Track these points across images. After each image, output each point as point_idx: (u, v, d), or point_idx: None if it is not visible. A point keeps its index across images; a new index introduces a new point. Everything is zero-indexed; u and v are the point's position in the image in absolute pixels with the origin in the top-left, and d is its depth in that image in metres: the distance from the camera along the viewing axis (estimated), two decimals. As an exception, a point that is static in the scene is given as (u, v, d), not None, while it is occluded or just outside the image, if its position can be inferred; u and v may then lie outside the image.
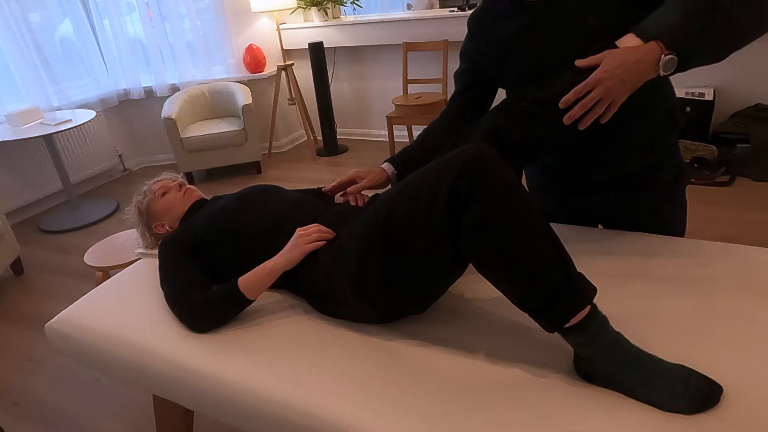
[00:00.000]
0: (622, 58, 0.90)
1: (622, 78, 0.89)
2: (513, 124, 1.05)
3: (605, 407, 0.82)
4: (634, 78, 0.90)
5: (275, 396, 0.94)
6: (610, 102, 0.92)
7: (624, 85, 0.90)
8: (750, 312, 0.97)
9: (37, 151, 3.59)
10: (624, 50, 0.91)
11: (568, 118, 0.95)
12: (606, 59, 0.91)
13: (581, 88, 0.92)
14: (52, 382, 1.97)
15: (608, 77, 0.89)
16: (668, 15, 0.90)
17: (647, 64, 0.89)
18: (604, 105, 0.92)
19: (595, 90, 0.91)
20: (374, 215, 1.00)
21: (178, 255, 1.24)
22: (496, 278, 0.90)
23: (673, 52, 0.88)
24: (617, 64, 0.89)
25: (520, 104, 1.04)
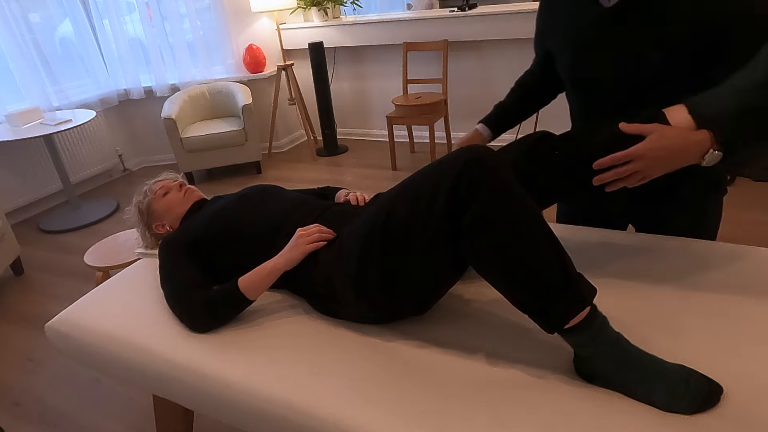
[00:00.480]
0: (670, 143, 0.86)
1: (665, 160, 0.87)
2: (542, 172, 1.02)
3: (605, 407, 0.82)
4: (675, 163, 0.88)
5: (275, 396, 0.94)
6: (642, 177, 0.90)
7: (664, 166, 0.88)
8: (750, 312, 0.97)
9: (37, 151, 3.59)
10: (674, 132, 0.87)
11: (597, 180, 0.93)
12: (654, 135, 0.88)
13: (620, 157, 0.89)
14: (52, 382, 1.97)
15: (651, 156, 0.87)
16: (726, 101, 0.86)
17: (693, 154, 0.87)
18: (637, 178, 0.90)
19: (634, 163, 0.88)
20: (374, 215, 1.00)
21: (179, 255, 1.24)
22: (495, 279, 0.90)
23: (722, 150, 0.85)
24: (664, 145, 0.86)
25: (554, 152, 1.01)
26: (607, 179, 0.92)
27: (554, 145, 1.03)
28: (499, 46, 3.63)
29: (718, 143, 0.85)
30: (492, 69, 3.73)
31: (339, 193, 1.44)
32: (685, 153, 0.87)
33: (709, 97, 0.89)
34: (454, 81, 3.91)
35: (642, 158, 0.88)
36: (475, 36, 3.56)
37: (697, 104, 0.89)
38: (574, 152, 0.99)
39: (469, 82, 3.86)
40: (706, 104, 0.88)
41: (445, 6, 4.20)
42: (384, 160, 3.91)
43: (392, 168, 3.71)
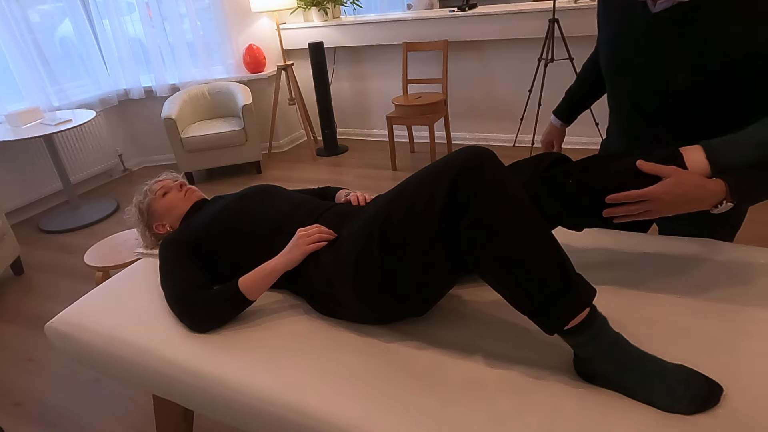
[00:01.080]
0: (686, 189, 0.88)
1: (678, 205, 0.89)
2: (552, 199, 1.03)
3: (605, 408, 0.82)
4: (686, 208, 0.90)
5: (275, 396, 0.94)
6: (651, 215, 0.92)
7: (675, 210, 0.90)
8: (750, 312, 0.97)
9: (37, 151, 3.59)
10: (692, 180, 0.88)
11: (607, 212, 0.95)
12: (672, 180, 0.89)
13: (635, 196, 0.90)
14: (52, 382, 1.97)
15: (665, 199, 0.89)
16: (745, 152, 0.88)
17: (706, 203, 0.89)
18: (647, 217, 0.93)
19: (647, 204, 0.90)
20: (373, 217, 1.00)
21: (179, 255, 1.24)
22: (494, 281, 0.90)
23: (734, 201, 0.88)
24: (680, 192, 0.88)
25: (567, 181, 1.02)
26: (617, 213, 0.94)
27: (568, 171, 1.03)
28: (499, 46, 3.63)
29: (731, 195, 0.87)
30: (492, 69, 3.73)
31: (339, 193, 1.44)
32: (699, 202, 0.89)
33: (728, 144, 0.89)
34: (454, 81, 3.91)
35: (656, 200, 0.89)
36: (475, 36, 3.56)
37: (714, 149, 0.90)
38: (587, 183, 0.99)
39: (469, 82, 3.86)
40: (725, 152, 0.89)
41: (445, 6, 4.20)
42: (384, 160, 3.91)
43: (392, 168, 3.71)
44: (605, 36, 1.14)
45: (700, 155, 0.91)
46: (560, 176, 1.04)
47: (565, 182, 1.02)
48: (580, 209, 1.02)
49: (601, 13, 1.16)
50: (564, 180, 1.02)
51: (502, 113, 3.85)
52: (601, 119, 3.40)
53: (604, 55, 1.15)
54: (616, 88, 1.16)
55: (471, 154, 0.89)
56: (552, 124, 1.48)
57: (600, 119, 3.40)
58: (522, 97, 3.71)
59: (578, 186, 1.00)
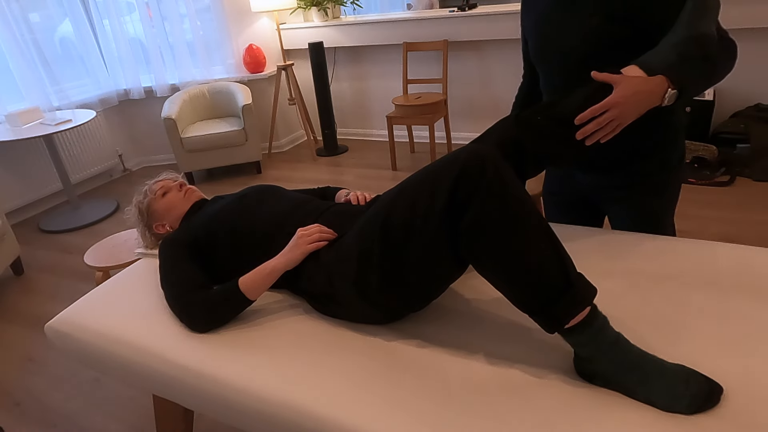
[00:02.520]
0: (637, 87, 1.00)
1: (635, 104, 1.00)
2: (528, 136, 1.10)
3: (605, 407, 0.82)
4: (644, 105, 1.01)
5: (275, 396, 0.94)
6: (618, 123, 1.02)
7: (635, 110, 1.01)
8: (750, 312, 0.97)
9: (37, 151, 3.59)
10: (638, 79, 1.01)
11: (581, 133, 1.04)
12: (622, 84, 1.01)
13: (598, 108, 1.01)
14: (52, 382, 1.97)
15: (624, 102, 0.99)
16: (668, 55, 1.03)
17: (656, 95, 1.01)
18: (614, 126, 1.03)
19: (610, 111, 1.00)
20: (374, 216, 1.00)
21: (179, 255, 1.24)
22: (495, 279, 0.90)
23: (676, 88, 1.01)
24: (633, 92, 1.00)
25: (536, 118, 1.10)
26: (589, 131, 1.03)
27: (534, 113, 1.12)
28: (499, 46, 3.63)
29: (672, 83, 1.01)
30: (492, 69, 3.73)
31: (339, 193, 1.44)
32: (650, 95, 1.01)
33: (652, 55, 1.05)
34: (454, 81, 3.91)
35: (616, 105, 1.00)
36: (475, 36, 3.56)
37: (645, 62, 1.04)
38: (554, 114, 1.08)
39: (469, 82, 3.86)
40: (652, 61, 1.04)
41: (445, 6, 4.20)
42: (384, 160, 3.91)
43: (392, 168, 3.71)
44: (531, 18, 1.26)
45: (635, 69, 1.04)
46: (529, 116, 1.11)
47: (534, 120, 1.10)
48: (554, 140, 1.09)
49: (524, 13, 1.30)
50: (533, 119, 1.10)
51: (502, 113, 3.85)
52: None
53: (534, 34, 1.25)
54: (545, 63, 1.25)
55: (471, 153, 0.89)
56: None
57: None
58: (522, 97, 3.71)
59: (547, 119, 1.08)
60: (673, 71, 1.01)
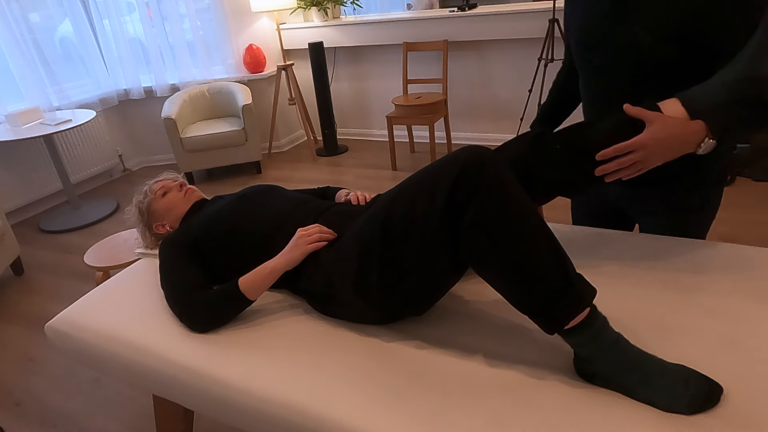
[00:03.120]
0: (671, 131, 0.90)
1: (665, 149, 0.91)
2: (543, 164, 1.04)
3: (605, 407, 0.82)
4: (674, 152, 0.92)
5: (275, 396, 0.94)
6: (642, 167, 0.93)
7: (663, 156, 0.92)
8: (750, 312, 0.97)
9: (37, 151, 3.59)
10: (675, 122, 0.91)
11: (600, 170, 0.96)
12: (655, 125, 0.91)
13: (623, 147, 0.91)
14: (52, 382, 1.97)
15: (653, 144, 0.90)
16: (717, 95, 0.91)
17: (691, 143, 0.91)
18: (638, 168, 0.93)
19: (636, 153, 0.91)
20: (373, 216, 1.00)
21: (179, 255, 1.24)
22: (495, 280, 0.90)
23: (715, 138, 0.90)
24: (666, 135, 0.90)
25: (555, 146, 1.03)
26: (609, 170, 0.94)
27: (554, 138, 1.04)
28: (499, 46, 3.63)
29: (711, 132, 0.90)
30: (492, 69, 3.73)
31: (339, 193, 1.44)
32: (684, 142, 0.91)
33: (700, 91, 0.93)
34: (454, 81, 3.91)
35: (644, 148, 0.90)
36: (475, 36, 3.56)
37: (689, 97, 0.93)
38: (575, 145, 1.00)
39: (469, 82, 3.86)
40: (698, 98, 0.93)
41: (445, 6, 4.20)
42: (384, 160, 3.91)
43: (392, 168, 3.71)
44: (576, 16, 1.15)
45: (675, 104, 0.93)
46: (547, 144, 1.05)
47: (553, 148, 1.03)
48: (570, 172, 1.03)
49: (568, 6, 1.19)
50: (551, 146, 1.03)
51: (502, 113, 3.85)
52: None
53: (576, 34, 1.16)
54: (587, 67, 1.17)
55: (471, 153, 0.89)
56: None
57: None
58: (522, 97, 3.71)
59: (566, 149, 1.01)
60: (717, 118, 0.90)
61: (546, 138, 1.05)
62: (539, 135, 1.07)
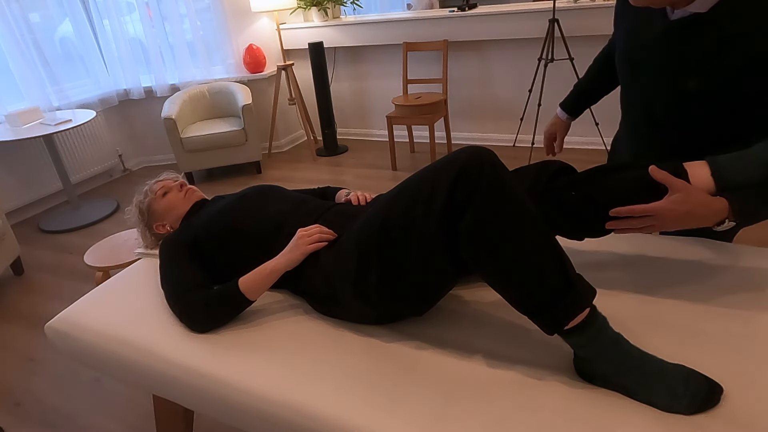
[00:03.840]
0: (691, 207, 0.88)
1: (681, 221, 0.89)
2: (555, 212, 1.03)
3: (605, 408, 0.82)
4: (689, 225, 0.90)
5: (275, 396, 0.94)
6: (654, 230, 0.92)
7: (677, 226, 0.90)
8: (750, 312, 0.97)
9: (37, 151, 3.59)
10: (698, 198, 0.88)
11: (611, 225, 0.96)
12: (679, 196, 0.88)
13: (639, 210, 0.90)
14: (52, 382, 1.97)
15: (670, 216, 0.89)
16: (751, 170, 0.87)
17: (709, 221, 0.89)
18: (649, 231, 0.93)
19: (651, 219, 0.90)
20: (373, 217, 1.00)
21: (179, 255, 1.24)
22: (494, 281, 0.90)
23: (737, 221, 0.88)
24: (685, 210, 0.88)
25: (570, 193, 1.01)
26: (620, 227, 0.94)
27: (572, 183, 1.03)
28: (499, 46, 3.63)
29: (733, 214, 0.87)
30: (492, 69, 3.73)
31: (339, 193, 1.44)
32: (702, 219, 0.89)
33: (734, 161, 0.89)
34: (454, 81, 3.91)
35: (661, 216, 0.89)
36: (475, 36, 3.56)
37: (721, 167, 0.90)
38: (591, 196, 0.99)
39: (469, 82, 3.86)
40: (730, 170, 0.89)
41: (445, 6, 4.20)
42: (384, 160, 3.91)
43: (392, 168, 3.71)
44: (621, 31, 1.13)
45: (705, 171, 0.91)
46: (563, 188, 1.03)
47: (568, 195, 1.01)
48: (581, 222, 1.02)
49: (620, 7, 1.15)
50: (567, 192, 1.02)
51: (502, 113, 3.85)
52: (601, 119, 3.40)
53: (620, 50, 1.14)
54: (629, 86, 1.15)
55: (471, 154, 0.89)
56: (557, 116, 1.49)
57: (601, 119, 3.40)
58: (522, 97, 3.71)
59: (582, 199, 1.00)
60: (744, 201, 0.87)
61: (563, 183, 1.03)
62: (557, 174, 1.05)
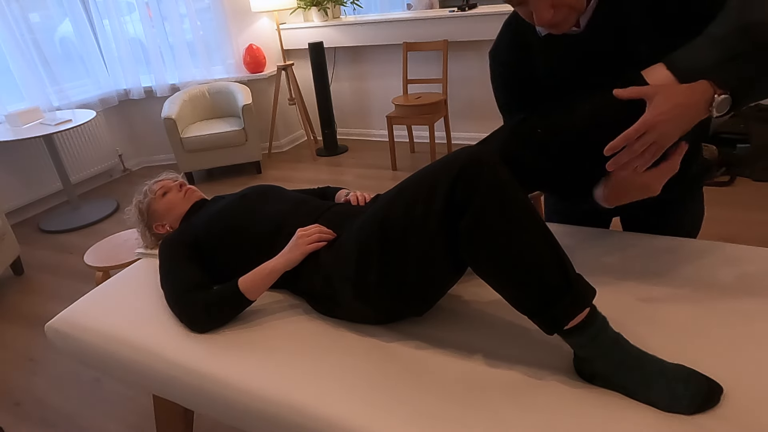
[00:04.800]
0: (677, 100, 0.80)
1: (677, 121, 0.80)
2: (525, 153, 0.95)
3: (605, 408, 0.82)
4: (688, 120, 0.81)
5: (275, 396, 0.94)
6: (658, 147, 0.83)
7: (678, 128, 0.81)
8: (750, 312, 0.97)
9: (37, 151, 3.59)
10: (678, 88, 0.82)
11: (612, 163, 0.85)
12: (659, 97, 0.80)
13: (633, 133, 0.81)
14: (52, 382, 1.97)
15: (663, 120, 0.80)
16: (708, 51, 0.82)
17: (702, 105, 0.81)
18: (653, 151, 0.83)
19: (649, 134, 0.80)
20: (372, 217, 1.00)
21: (179, 255, 1.24)
22: (494, 281, 0.90)
23: (727, 92, 0.80)
24: (672, 105, 0.80)
25: (535, 130, 0.93)
26: (622, 161, 0.84)
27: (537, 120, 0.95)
28: (499, 46, 3.63)
29: (719, 87, 0.80)
30: (492, 69, 3.73)
31: (339, 193, 1.44)
32: (695, 107, 0.81)
33: (688, 51, 0.84)
34: (454, 81, 3.91)
35: (656, 126, 0.80)
36: (475, 36, 3.56)
37: (677, 60, 0.84)
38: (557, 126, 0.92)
39: (469, 82, 3.86)
40: (687, 58, 0.83)
41: (445, 6, 4.20)
42: (384, 160, 3.91)
43: (392, 168, 3.71)
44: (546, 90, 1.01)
45: (662, 70, 0.84)
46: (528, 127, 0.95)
47: (534, 133, 0.93)
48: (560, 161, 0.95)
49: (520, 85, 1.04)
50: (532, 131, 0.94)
51: (502, 113, 3.85)
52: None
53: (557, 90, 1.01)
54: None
55: (470, 154, 0.89)
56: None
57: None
58: (522, 97, 3.71)
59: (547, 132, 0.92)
60: (719, 71, 0.81)
61: (527, 123, 0.96)
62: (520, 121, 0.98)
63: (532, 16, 0.85)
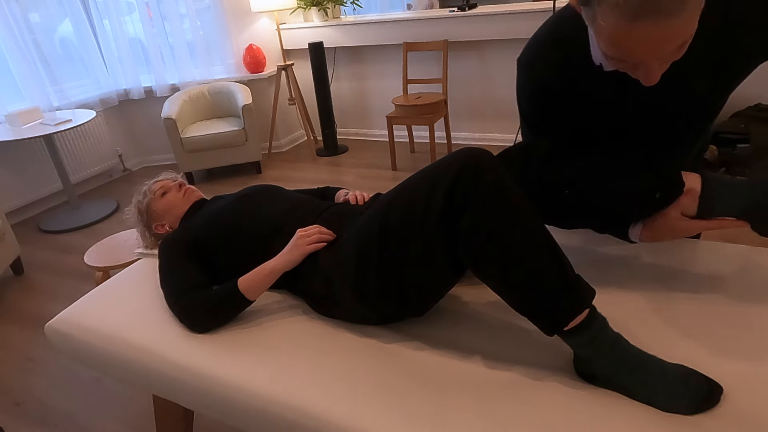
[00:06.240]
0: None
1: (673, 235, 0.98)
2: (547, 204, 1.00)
3: (605, 408, 0.82)
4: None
5: (275, 396, 0.94)
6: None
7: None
8: (750, 312, 0.97)
9: (37, 151, 3.59)
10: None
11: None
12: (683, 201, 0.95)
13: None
14: (52, 382, 1.97)
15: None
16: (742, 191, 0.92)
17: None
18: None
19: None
20: (372, 217, 0.99)
21: (179, 255, 1.24)
22: (493, 282, 0.90)
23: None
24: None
25: (564, 191, 0.98)
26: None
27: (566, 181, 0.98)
28: (499, 46, 3.63)
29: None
30: (492, 69, 3.73)
31: (339, 193, 1.44)
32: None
33: (725, 187, 0.93)
34: (454, 81, 3.91)
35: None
36: (475, 36, 3.56)
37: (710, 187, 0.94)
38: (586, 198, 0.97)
39: (469, 82, 3.86)
40: (718, 190, 0.94)
41: (445, 6, 4.20)
42: (384, 160, 3.91)
43: (392, 168, 3.71)
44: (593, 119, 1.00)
45: (696, 182, 0.95)
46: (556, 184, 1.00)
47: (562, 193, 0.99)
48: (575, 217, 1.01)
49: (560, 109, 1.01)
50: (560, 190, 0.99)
51: (502, 113, 3.85)
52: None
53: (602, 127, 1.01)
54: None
55: (469, 155, 0.89)
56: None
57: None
58: (522, 97, 3.71)
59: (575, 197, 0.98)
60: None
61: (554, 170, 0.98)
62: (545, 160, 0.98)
63: (635, 72, 0.80)
